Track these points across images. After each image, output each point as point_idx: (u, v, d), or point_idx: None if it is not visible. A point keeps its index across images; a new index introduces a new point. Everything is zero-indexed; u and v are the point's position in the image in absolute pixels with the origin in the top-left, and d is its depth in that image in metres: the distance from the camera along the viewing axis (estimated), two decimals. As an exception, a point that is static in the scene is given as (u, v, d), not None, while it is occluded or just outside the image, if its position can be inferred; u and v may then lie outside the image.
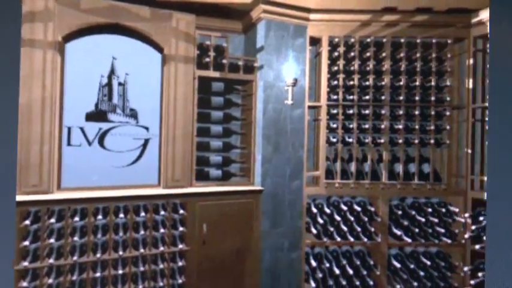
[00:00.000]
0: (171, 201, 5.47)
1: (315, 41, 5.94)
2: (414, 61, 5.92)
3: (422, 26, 5.88)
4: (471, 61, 5.94)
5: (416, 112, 5.89)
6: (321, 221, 5.77)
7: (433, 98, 5.91)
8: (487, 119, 5.77)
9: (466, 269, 5.81)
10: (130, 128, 5.61)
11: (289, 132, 5.77)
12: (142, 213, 5.19)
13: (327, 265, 5.79)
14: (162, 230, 5.34)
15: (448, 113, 5.94)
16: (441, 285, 5.91)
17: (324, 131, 5.88)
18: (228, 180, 5.84)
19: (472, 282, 5.73)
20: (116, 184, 5.38)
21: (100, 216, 4.99)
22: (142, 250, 5.18)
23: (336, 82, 5.90)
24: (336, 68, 5.89)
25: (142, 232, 5.17)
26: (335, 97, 5.90)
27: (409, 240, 5.82)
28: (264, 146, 5.64)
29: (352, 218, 5.80)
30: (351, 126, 5.90)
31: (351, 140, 5.90)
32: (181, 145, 5.54)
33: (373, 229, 5.83)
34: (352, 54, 5.88)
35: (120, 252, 5.05)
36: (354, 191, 5.89)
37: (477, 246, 5.73)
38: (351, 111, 5.89)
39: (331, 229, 5.79)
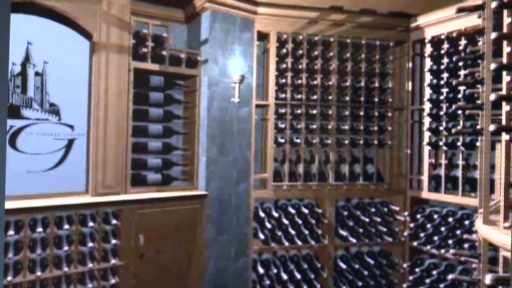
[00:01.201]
0: (101, 210, 3.22)
1: (263, 36, 3.72)
2: (359, 62, 3.96)
3: (367, 27, 4.02)
4: (410, 64, 3.92)
5: (361, 113, 3.91)
6: (268, 225, 3.53)
7: (376, 99, 3.98)
8: (423, 120, 4.00)
9: (405, 265, 4.06)
10: (50, 126, 3.25)
11: (236, 132, 3.44)
12: (66, 226, 2.96)
13: (275, 271, 3.56)
14: (90, 244, 3.11)
15: (390, 114, 3.92)
16: (383, 283, 3.83)
17: (272, 131, 3.63)
18: (168, 185, 3.41)
19: (410, 278, 4.03)
20: (32, 192, 2.98)
21: (11, 232, 2.78)
22: (66, 269, 2.94)
23: (284, 80, 3.70)
24: (284, 65, 3.70)
25: (66, 248, 2.96)
26: (283, 96, 3.70)
27: (354, 241, 3.93)
28: (208, 147, 3.28)
29: (300, 221, 3.67)
30: (299, 126, 3.71)
31: (298, 140, 3.72)
32: (113, 146, 3.11)
33: (320, 231, 3.73)
34: (300, 52, 3.75)
35: (38, 273, 2.84)
36: (302, 193, 3.73)
37: (415, 243, 4.04)
38: (299, 111, 3.74)
39: (279, 233, 3.59)
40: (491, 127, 1.96)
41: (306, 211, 3.85)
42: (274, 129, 3.86)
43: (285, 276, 3.69)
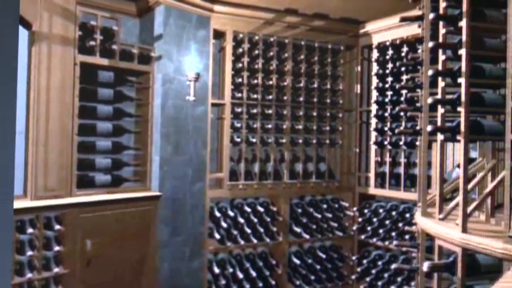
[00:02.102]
0: (43, 215, 2.72)
1: (219, 35, 3.44)
2: (313, 64, 3.82)
3: (320, 31, 3.91)
4: (359, 68, 3.90)
5: (314, 113, 3.79)
6: (224, 225, 3.30)
7: (328, 101, 3.86)
8: (371, 121, 3.98)
9: (354, 258, 3.98)
10: (-19, 123, 2.43)
11: (191, 131, 3.18)
12: None
13: (231, 270, 3.35)
14: (29, 253, 2.65)
15: (340, 115, 3.89)
16: (334, 276, 3.80)
17: (228, 130, 3.41)
18: (119, 187, 3.05)
19: (358, 269, 3.99)
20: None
21: None
22: None
23: (240, 80, 3.49)
24: (240, 65, 3.48)
25: None
26: (239, 95, 3.47)
27: (308, 237, 3.78)
28: (162, 146, 2.99)
29: (255, 220, 3.49)
30: (255, 126, 3.52)
31: (254, 140, 3.53)
32: (56, 145, 2.70)
33: (275, 229, 3.58)
34: (257, 52, 3.56)
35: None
36: (258, 191, 3.55)
37: (362, 236, 4.02)
38: (254, 111, 3.55)
39: (235, 233, 3.39)
40: (428, 128, 1.97)
41: (261, 209, 3.68)
42: (231, 129, 3.63)
43: (240, 275, 3.49)
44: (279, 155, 3.90)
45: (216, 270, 3.44)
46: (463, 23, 1.83)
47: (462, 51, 1.83)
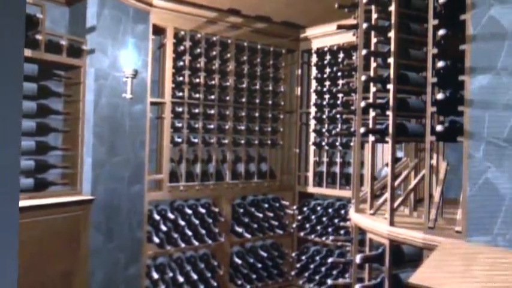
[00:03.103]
0: None
1: (159, 31, 3.21)
2: (255, 65, 3.75)
3: (263, 33, 3.85)
4: (299, 71, 3.95)
5: (256, 114, 3.73)
6: (164, 228, 3.11)
7: (270, 102, 3.86)
8: (310, 123, 4.06)
9: (293, 254, 3.99)
10: None
11: (128, 131, 2.94)
12: None
13: (171, 275, 3.16)
14: None
15: (281, 116, 3.89)
16: (274, 273, 3.80)
17: (168, 130, 3.21)
18: (44, 191, 2.67)
19: (297, 265, 4.03)
20: None
21: None
22: None
23: (181, 78, 3.31)
24: (181, 63, 3.30)
25: None
26: (180, 94, 3.28)
27: (249, 236, 3.70)
28: (95, 147, 2.72)
29: (197, 222, 3.33)
30: (197, 126, 3.36)
31: (196, 140, 3.36)
32: (-36, 145, 2.15)
33: (217, 230, 3.45)
34: (199, 50, 3.40)
35: None
36: (199, 193, 3.40)
37: (302, 234, 4.07)
38: (196, 110, 3.39)
39: (175, 236, 3.20)
40: (361, 130, 2.02)
41: (203, 211, 3.53)
42: (171, 128, 3.42)
43: (181, 279, 3.31)
44: (221, 155, 3.79)
45: (155, 275, 3.22)
46: (391, 34, 1.89)
47: (391, 60, 1.89)
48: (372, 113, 2.07)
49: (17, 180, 0.66)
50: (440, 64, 1.62)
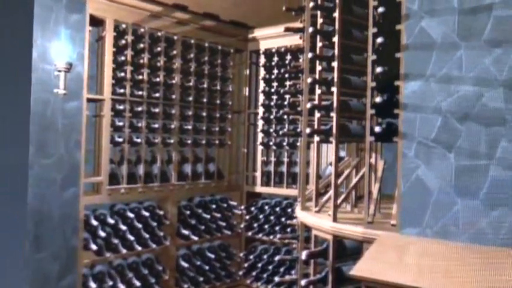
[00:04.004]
0: None
1: (98, 22, 3.00)
2: (203, 64, 3.71)
3: (210, 32, 3.80)
4: (247, 71, 4.00)
5: (204, 114, 3.69)
6: (102, 234, 2.94)
7: (218, 102, 3.84)
8: (258, 123, 4.11)
9: (241, 254, 4.03)
10: None
11: (61, 130, 2.72)
12: None
13: (110, 283, 3.00)
14: None
15: (229, 116, 3.91)
16: (222, 274, 3.79)
17: (108, 130, 3.05)
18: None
19: (245, 265, 4.08)
20: None
21: None
22: None
23: (122, 74, 3.16)
24: (123, 58, 3.15)
25: None
26: (121, 91, 3.13)
27: (196, 238, 3.65)
28: (20, 147, 2.43)
29: (139, 225, 3.15)
30: (140, 125, 3.22)
31: (139, 140, 3.23)
32: None
33: (162, 233, 3.33)
34: (142, 46, 3.26)
35: None
36: (143, 195, 3.29)
37: (250, 233, 4.12)
38: (139, 109, 3.25)
39: (116, 241, 3.02)
40: (307, 130, 2.12)
41: (146, 214, 3.37)
42: (111, 127, 3.21)
43: (122, 287, 3.14)
44: (166, 156, 3.66)
45: (93, 285, 3.00)
46: (335, 39, 1.99)
47: (335, 64, 1.99)
48: (317, 114, 2.16)
49: (26, 179, 0.68)
50: (378, 69, 1.74)
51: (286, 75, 3.77)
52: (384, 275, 1.47)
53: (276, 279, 3.60)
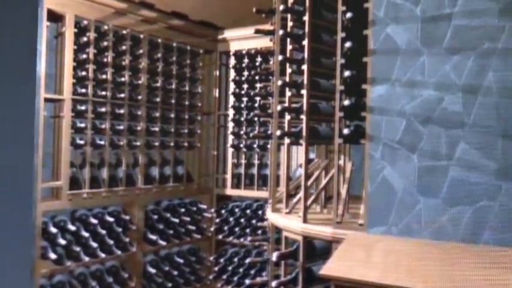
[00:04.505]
0: None
1: (57, 18, 2.85)
2: (171, 64, 3.62)
3: (179, 31, 3.75)
4: (217, 73, 3.98)
5: (172, 115, 3.61)
6: (62, 242, 2.78)
7: (187, 103, 3.77)
8: (228, 125, 4.10)
9: (211, 258, 3.96)
10: None
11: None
12: None
13: (72, 294, 2.80)
14: None
15: (199, 118, 3.85)
16: (192, 279, 3.74)
17: (68, 131, 2.91)
18: None
19: (216, 268, 4.05)
20: None
21: None
22: None
23: (84, 73, 3.02)
24: (84, 56, 3.02)
25: None
26: (83, 91, 2.99)
27: (164, 243, 3.54)
28: (-32, 151, 2.23)
29: (103, 232, 3.03)
30: (103, 126, 3.10)
31: (102, 142, 3.11)
32: None
33: (128, 239, 3.22)
34: (106, 44, 3.12)
35: None
36: (107, 200, 3.15)
37: (220, 236, 4.10)
38: (103, 109, 3.12)
39: (77, 249, 2.87)
40: (277, 132, 2.14)
41: (111, 219, 3.24)
42: (71, 129, 3.04)
43: (84, 297, 2.99)
44: (132, 158, 3.54)
45: (52, 297, 2.82)
46: (305, 43, 2.03)
47: (304, 67, 2.03)
48: (287, 117, 2.19)
49: (33, 180, 0.67)
50: (346, 73, 1.79)
51: (257, 77, 3.79)
52: (351, 273, 1.51)
53: (247, 281, 3.60)
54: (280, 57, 2.10)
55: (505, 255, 1.39)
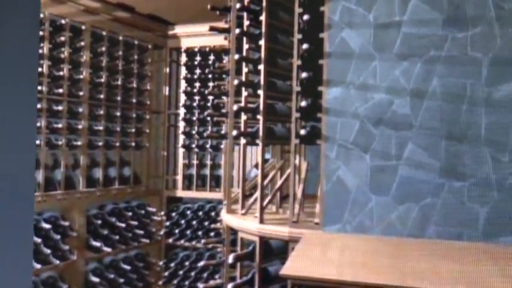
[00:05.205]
0: None
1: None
2: (116, 59, 3.36)
3: (125, 24, 3.45)
4: (167, 70, 3.81)
5: (118, 113, 3.36)
6: (-12, 255, 2.36)
7: (134, 100, 3.53)
8: (179, 124, 3.94)
9: (161, 263, 3.77)
10: None
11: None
12: None
13: (-1, 314, 2.42)
14: None
15: (148, 117, 3.63)
16: (140, 286, 3.52)
17: (-5, 129, 2.47)
18: None
19: (166, 273, 3.89)
20: None
21: None
22: None
23: (15, 64, 2.58)
24: (15, 45, 2.57)
25: None
26: (14, 84, 2.58)
27: (109, 250, 3.26)
28: None
29: (39, 240, 2.74)
30: (38, 124, 2.78)
31: (37, 141, 2.76)
32: None
33: (67, 247, 2.94)
34: (41, 33, 2.76)
35: None
36: (42, 205, 2.87)
37: (170, 240, 3.92)
38: (38, 106, 2.74)
39: (6, 262, 2.46)
40: (234, 132, 2.08)
41: (47, 226, 2.89)
42: None
43: (15, 316, 2.63)
44: (72, 159, 3.22)
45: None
46: (262, 43, 1.99)
47: (261, 67, 1.99)
48: (243, 117, 2.14)
49: (33, 182, 0.67)
50: (303, 75, 1.79)
51: (210, 76, 3.69)
52: (310, 271, 1.51)
53: (200, 285, 3.48)
54: (236, 56, 2.04)
55: (447, 248, 1.50)
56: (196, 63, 3.79)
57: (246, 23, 2.12)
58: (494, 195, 1.48)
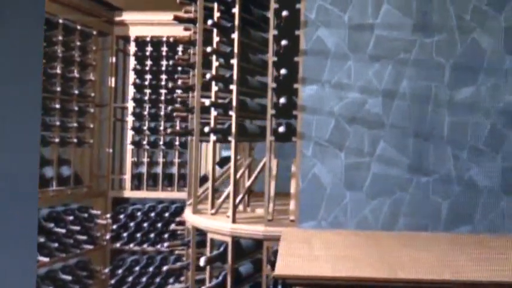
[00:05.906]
0: None
1: None
2: (54, 44, 3.00)
3: (66, 6, 3.06)
4: (113, 59, 3.51)
5: (57, 106, 3.00)
6: None
7: (76, 92, 3.16)
8: (127, 118, 3.63)
9: (106, 270, 3.48)
10: None
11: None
12: None
13: None
14: None
15: (92, 110, 3.31)
16: (82, 297, 3.22)
17: None
18: None
19: (112, 281, 3.62)
20: None
21: None
22: None
23: None
24: None
25: None
26: None
27: (46, 259, 2.89)
28: None
29: (-43, 256, 2.22)
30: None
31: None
32: None
33: (-6, 261, 2.44)
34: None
35: None
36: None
37: (118, 244, 3.64)
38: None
39: None
40: (206, 129, 1.99)
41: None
42: None
43: None
44: (1, 158, 2.75)
45: None
46: (235, 36, 1.91)
47: (234, 61, 1.91)
48: (213, 112, 2.04)
49: (36, 181, 0.67)
50: (282, 71, 1.77)
51: (163, 68, 3.46)
52: (305, 269, 1.48)
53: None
54: (209, 49, 1.93)
55: (416, 239, 1.61)
56: (147, 53, 3.52)
57: (217, 14, 2.02)
58: (455, 189, 1.62)
